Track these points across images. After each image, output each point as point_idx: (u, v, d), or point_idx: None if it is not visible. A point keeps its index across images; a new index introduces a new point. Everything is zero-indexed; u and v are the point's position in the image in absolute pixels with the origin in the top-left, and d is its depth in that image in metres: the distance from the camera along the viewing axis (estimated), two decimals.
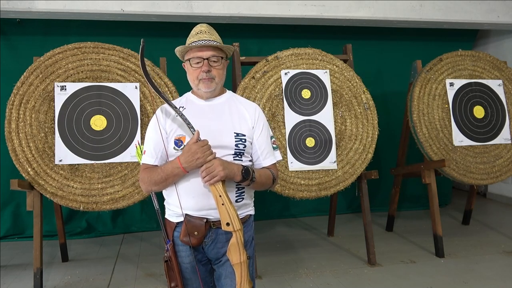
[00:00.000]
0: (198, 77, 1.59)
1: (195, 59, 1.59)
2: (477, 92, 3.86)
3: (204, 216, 1.55)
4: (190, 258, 1.61)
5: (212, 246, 1.59)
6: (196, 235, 1.55)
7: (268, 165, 1.68)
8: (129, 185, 3.05)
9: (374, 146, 3.48)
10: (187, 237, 1.55)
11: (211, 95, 1.65)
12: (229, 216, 1.46)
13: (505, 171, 3.77)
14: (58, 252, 3.71)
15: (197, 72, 1.60)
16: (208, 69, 1.58)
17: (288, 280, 3.14)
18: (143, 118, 3.18)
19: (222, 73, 1.64)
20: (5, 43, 4.24)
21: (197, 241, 1.56)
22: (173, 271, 1.59)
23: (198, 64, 1.59)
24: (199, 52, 1.59)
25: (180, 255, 1.61)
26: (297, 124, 3.36)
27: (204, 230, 1.54)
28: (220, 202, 1.46)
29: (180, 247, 1.61)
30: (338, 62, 3.57)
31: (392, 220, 4.40)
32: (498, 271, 3.24)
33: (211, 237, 1.58)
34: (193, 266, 1.61)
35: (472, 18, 4.67)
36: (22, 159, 2.94)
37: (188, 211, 1.56)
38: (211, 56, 1.59)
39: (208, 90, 1.61)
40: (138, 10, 3.95)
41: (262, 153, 1.66)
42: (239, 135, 1.59)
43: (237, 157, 1.58)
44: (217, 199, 1.47)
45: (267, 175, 1.64)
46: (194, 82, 1.63)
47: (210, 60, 1.59)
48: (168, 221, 1.65)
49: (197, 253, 1.62)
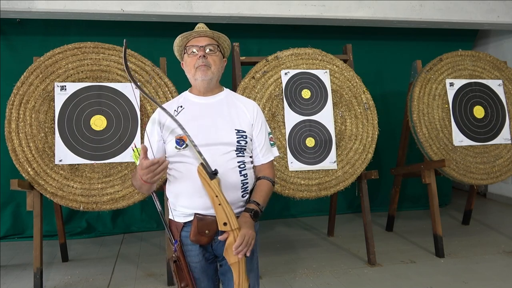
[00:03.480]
0: (195, 65, 1.60)
1: (191, 47, 1.63)
2: (477, 92, 3.86)
3: (213, 214, 1.54)
4: (199, 257, 1.61)
5: (221, 243, 1.58)
6: (207, 233, 1.54)
7: (265, 162, 1.69)
8: (129, 185, 3.05)
9: (374, 146, 3.48)
10: (198, 236, 1.54)
11: (208, 87, 1.64)
12: (226, 216, 1.46)
13: (505, 171, 3.77)
14: (58, 252, 3.71)
15: (193, 60, 1.61)
16: (203, 54, 1.60)
17: (288, 280, 3.14)
18: (143, 118, 3.18)
19: (218, 63, 1.65)
20: (5, 43, 4.23)
21: (207, 240, 1.56)
22: (183, 271, 1.59)
23: (194, 53, 1.62)
24: (195, 41, 1.63)
25: (189, 254, 1.61)
26: (297, 124, 3.36)
27: (216, 228, 1.52)
28: (217, 202, 1.46)
29: (189, 247, 1.61)
30: (338, 62, 3.57)
31: (392, 220, 4.40)
32: (498, 271, 3.24)
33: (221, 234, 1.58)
34: (202, 265, 1.62)
35: (472, 18, 4.67)
36: (22, 159, 2.94)
37: (198, 210, 1.55)
38: (207, 44, 1.62)
39: (205, 78, 1.61)
40: (138, 10, 3.94)
41: (261, 151, 1.68)
42: (240, 131, 1.60)
43: (240, 153, 1.59)
44: (213, 199, 1.47)
45: (269, 188, 1.65)
46: (191, 72, 1.63)
47: (206, 48, 1.62)
48: (174, 221, 1.64)
49: (205, 252, 1.62)
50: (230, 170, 1.56)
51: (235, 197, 1.57)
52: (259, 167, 1.70)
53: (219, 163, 1.53)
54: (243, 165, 1.59)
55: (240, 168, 1.58)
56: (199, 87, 1.65)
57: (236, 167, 1.57)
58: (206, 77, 1.61)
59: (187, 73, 1.67)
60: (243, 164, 1.60)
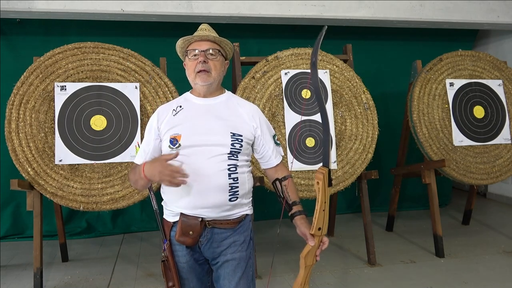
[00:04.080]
0: (195, 69, 1.60)
1: (192, 51, 1.63)
2: (477, 92, 3.86)
3: (198, 215, 1.55)
4: (186, 258, 1.61)
5: (208, 245, 1.59)
6: (191, 234, 1.54)
7: (279, 162, 1.73)
8: (129, 185, 3.05)
9: (374, 146, 3.48)
10: (182, 236, 1.54)
11: (208, 91, 1.65)
12: (323, 222, 1.50)
13: (505, 171, 3.77)
14: (58, 252, 3.71)
15: (194, 64, 1.61)
16: (204, 59, 1.59)
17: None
18: (143, 118, 3.18)
19: (219, 68, 1.64)
20: (5, 43, 4.23)
21: (192, 241, 1.56)
22: (170, 270, 1.59)
23: (195, 56, 1.62)
24: (197, 45, 1.63)
25: (176, 254, 1.61)
26: (297, 124, 3.36)
27: (199, 229, 1.54)
28: (323, 208, 1.49)
29: (177, 247, 1.61)
30: (338, 62, 3.57)
31: (392, 220, 4.40)
32: (498, 271, 3.24)
33: (206, 236, 1.58)
34: (189, 265, 1.61)
35: (472, 18, 4.66)
36: (22, 159, 2.93)
37: (183, 209, 1.55)
38: (208, 48, 1.61)
39: (205, 83, 1.61)
40: (138, 10, 3.94)
41: (273, 153, 1.71)
42: (235, 135, 1.58)
43: (232, 156, 1.57)
44: (321, 204, 1.48)
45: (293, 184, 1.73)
46: (191, 76, 1.64)
47: (207, 53, 1.61)
48: (166, 220, 1.65)
49: (194, 253, 1.62)
50: (219, 172, 1.53)
51: (221, 200, 1.55)
52: (275, 168, 1.73)
53: (207, 165, 1.52)
54: (233, 168, 1.56)
55: (230, 171, 1.55)
56: (199, 90, 1.66)
57: (225, 169, 1.54)
58: (205, 83, 1.61)
59: (188, 76, 1.67)
60: (234, 167, 1.57)
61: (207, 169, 1.52)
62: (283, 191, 1.68)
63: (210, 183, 1.52)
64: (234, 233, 1.62)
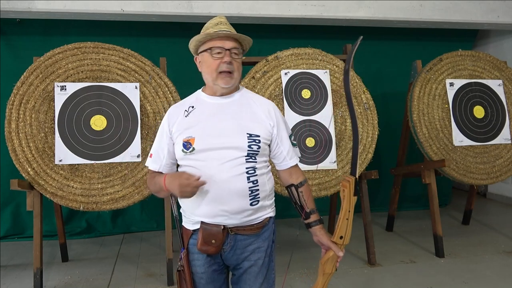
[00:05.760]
0: (218, 69, 1.49)
1: (216, 48, 1.49)
2: (477, 92, 3.86)
3: (219, 223, 1.48)
4: (205, 267, 1.54)
5: (231, 253, 1.53)
6: (213, 243, 1.47)
7: (294, 164, 1.64)
8: (129, 185, 3.05)
9: (374, 146, 3.47)
10: (205, 245, 1.47)
11: (226, 91, 1.55)
12: (346, 231, 1.50)
13: (505, 171, 3.77)
14: (58, 252, 3.71)
15: (217, 63, 1.49)
16: (230, 60, 1.49)
17: (288, 280, 3.14)
18: (143, 118, 3.18)
19: (240, 68, 1.56)
20: (5, 43, 4.23)
21: (215, 249, 1.49)
22: (185, 281, 1.53)
23: (219, 54, 1.49)
24: (221, 42, 1.50)
25: (194, 264, 1.54)
26: (297, 124, 3.36)
27: (222, 237, 1.47)
28: (346, 217, 1.47)
29: (195, 256, 1.54)
30: (338, 62, 3.57)
31: (392, 220, 4.40)
32: (498, 271, 3.24)
33: (229, 243, 1.52)
34: (208, 276, 1.54)
35: (472, 18, 4.66)
36: (22, 159, 2.94)
37: (203, 218, 1.49)
38: (233, 47, 1.51)
39: (227, 86, 1.51)
40: (138, 10, 3.94)
41: (288, 154, 1.61)
42: (252, 135, 1.49)
43: (250, 159, 1.48)
44: (346, 212, 1.47)
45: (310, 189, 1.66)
46: (212, 74, 1.51)
47: (232, 52, 1.50)
48: (185, 228, 1.58)
49: (214, 261, 1.55)
50: (237, 176, 1.45)
51: (242, 205, 1.47)
52: (289, 170, 1.63)
53: (224, 169, 1.45)
54: (252, 171, 1.48)
55: (249, 174, 1.47)
56: (215, 90, 1.56)
57: (243, 173, 1.46)
58: (227, 85, 1.52)
59: (205, 74, 1.55)
60: (253, 170, 1.48)
61: (224, 174, 1.44)
62: (300, 198, 1.60)
63: (229, 189, 1.45)
64: (258, 239, 1.56)
